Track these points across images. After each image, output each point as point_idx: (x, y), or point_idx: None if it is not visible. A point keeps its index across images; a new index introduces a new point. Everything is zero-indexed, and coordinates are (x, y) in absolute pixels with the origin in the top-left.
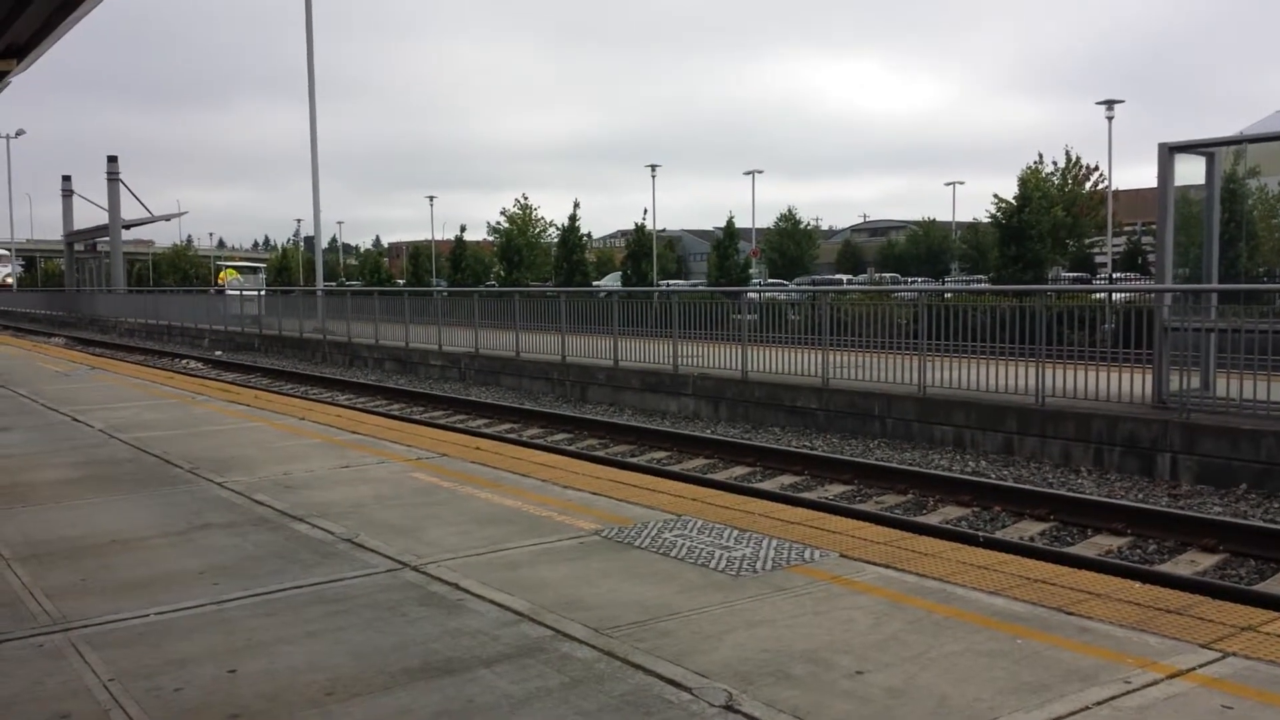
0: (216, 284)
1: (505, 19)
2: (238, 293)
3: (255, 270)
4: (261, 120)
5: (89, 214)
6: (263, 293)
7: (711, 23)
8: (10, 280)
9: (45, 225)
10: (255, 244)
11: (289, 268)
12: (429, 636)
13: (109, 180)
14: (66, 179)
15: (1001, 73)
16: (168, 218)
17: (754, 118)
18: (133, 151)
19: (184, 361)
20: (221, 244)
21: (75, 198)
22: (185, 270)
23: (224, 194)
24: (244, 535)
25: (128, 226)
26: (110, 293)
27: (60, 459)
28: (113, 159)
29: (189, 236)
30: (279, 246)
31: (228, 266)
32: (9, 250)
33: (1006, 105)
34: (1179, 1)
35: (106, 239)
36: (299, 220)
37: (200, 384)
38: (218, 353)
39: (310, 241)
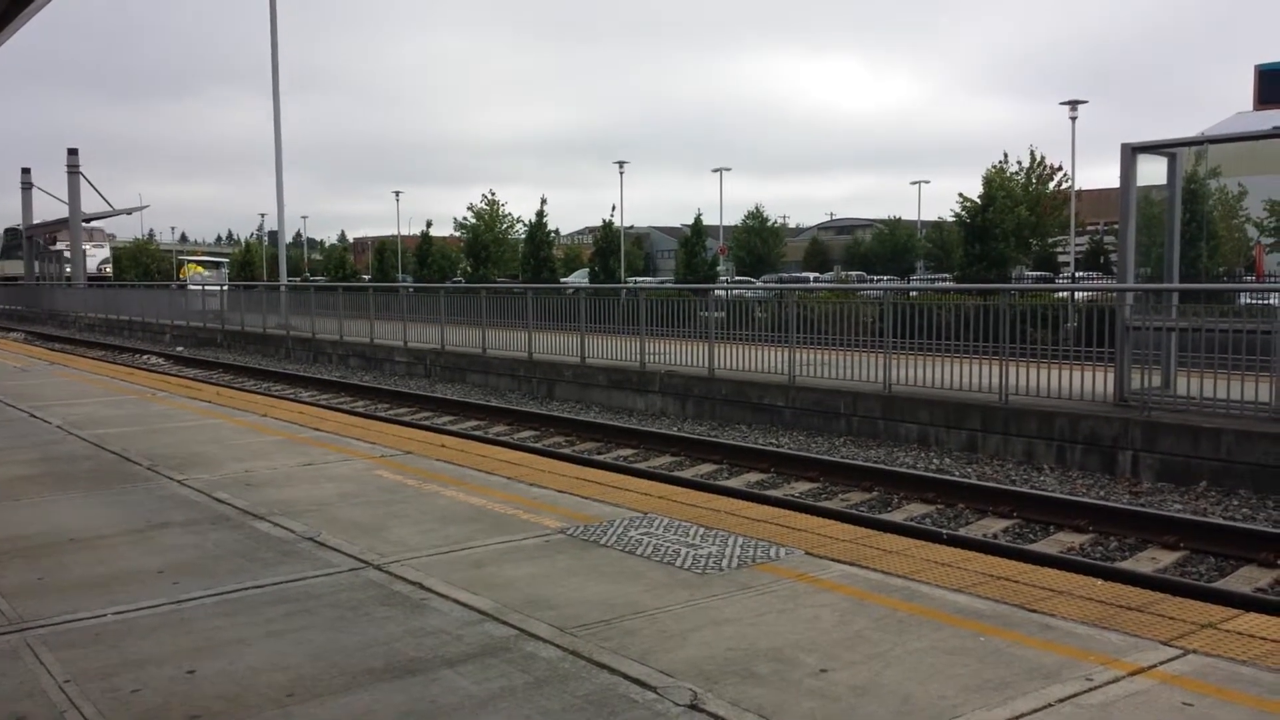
0: (179, 279)
1: (477, 12)
2: (200, 288)
3: (218, 265)
4: (226, 113)
5: (49, 207)
6: (225, 288)
7: (687, 19)
8: (108, 269)
9: (3, 218)
10: (219, 238)
11: (252, 263)
12: (392, 636)
13: (69, 173)
14: (26, 172)
15: (971, 73)
16: (129, 211)
17: (725, 115)
18: (94, 144)
19: (145, 357)
20: (184, 238)
21: (35, 191)
22: (147, 265)
23: (187, 188)
24: (204, 534)
25: (88, 220)
26: (70, 287)
27: (17, 456)
28: (73, 151)
29: (151, 231)
30: (243, 241)
31: (191, 261)
32: (99, 226)
33: (974, 105)
34: (1148, 3)
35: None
36: (263, 215)
37: (161, 380)
38: (179, 348)
39: (274, 236)
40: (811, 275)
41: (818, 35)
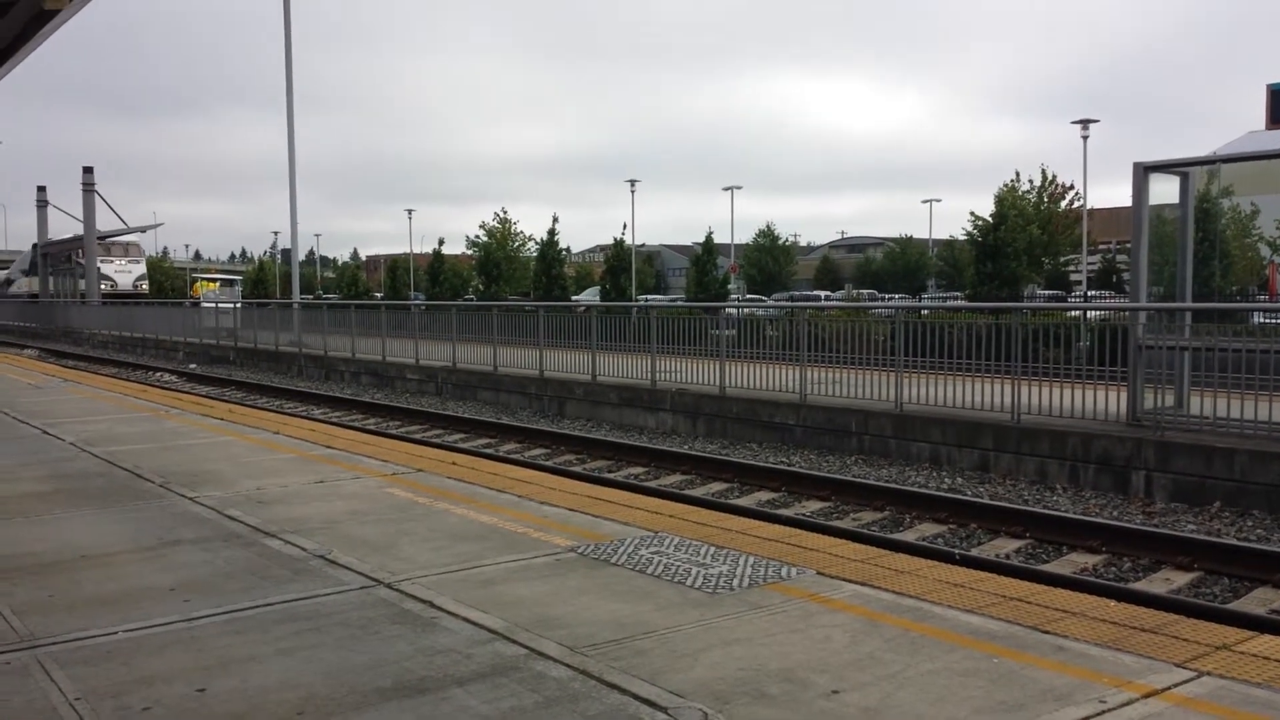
0: (192, 296)
1: (489, 32)
2: (213, 305)
3: (231, 283)
4: (240, 132)
5: (64, 225)
6: (238, 305)
7: (697, 39)
8: (144, 285)
9: (19, 236)
10: (232, 256)
11: (266, 280)
12: (402, 655)
13: (84, 191)
14: (42, 189)
15: (982, 92)
16: (143, 229)
17: (735, 134)
18: (109, 162)
19: (158, 374)
20: (198, 256)
21: (50, 208)
22: (160, 282)
23: (200, 206)
24: (215, 551)
25: (103, 238)
26: (84, 304)
27: (30, 472)
28: (88, 170)
29: (165, 248)
30: (256, 259)
31: (204, 278)
32: (135, 240)
33: (986, 124)
34: (1157, 22)
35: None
36: (276, 233)
37: (174, 397)
38: (192, 366)
39: (287, 254)
40: (823, 293)
41: (826, 55)
